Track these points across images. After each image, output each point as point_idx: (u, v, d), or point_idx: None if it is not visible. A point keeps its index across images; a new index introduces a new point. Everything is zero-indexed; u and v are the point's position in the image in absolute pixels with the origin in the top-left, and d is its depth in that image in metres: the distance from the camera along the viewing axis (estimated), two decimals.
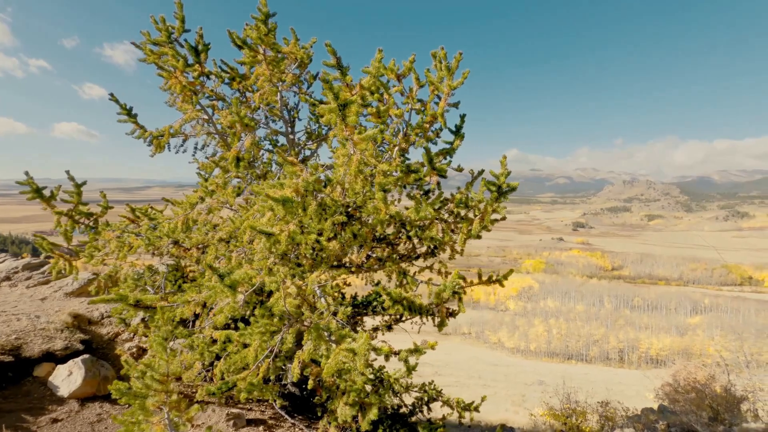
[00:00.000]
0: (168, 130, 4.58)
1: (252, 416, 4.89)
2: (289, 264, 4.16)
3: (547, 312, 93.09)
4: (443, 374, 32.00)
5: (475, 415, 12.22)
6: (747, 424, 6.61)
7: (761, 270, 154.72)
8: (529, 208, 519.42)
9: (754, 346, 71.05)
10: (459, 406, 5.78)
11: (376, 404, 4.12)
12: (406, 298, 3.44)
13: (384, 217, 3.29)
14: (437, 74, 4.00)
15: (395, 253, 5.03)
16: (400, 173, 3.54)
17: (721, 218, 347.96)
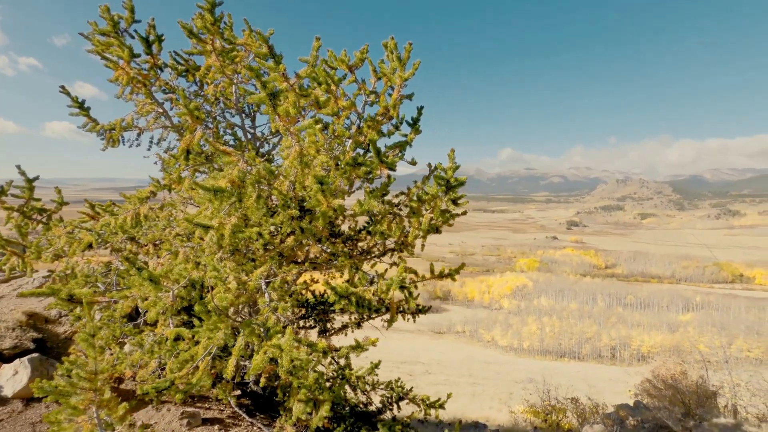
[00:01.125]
0: (119, 124, 4.46)
1: (209, 415, 4.79)
2: (243, 259, 4.07)
3: (541, 310, 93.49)
4: (434, 372, 32.01)
5: (455, 413, 12.19)
6: (717, 418, 6.62)
7: (752, 267, 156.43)
8: (524, 207, 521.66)
9: (744, 342, 71.68)
10: (424, 404, 5.71)
11: (329, 401, 4.05)
12: (353, 293, 3.36)
13: (327, 211, 3.21)
14: (390, 65, 3.93)
15: (355, 249, 4.96)
16: (346, 166, 3.46)
17: (713, 216, 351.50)
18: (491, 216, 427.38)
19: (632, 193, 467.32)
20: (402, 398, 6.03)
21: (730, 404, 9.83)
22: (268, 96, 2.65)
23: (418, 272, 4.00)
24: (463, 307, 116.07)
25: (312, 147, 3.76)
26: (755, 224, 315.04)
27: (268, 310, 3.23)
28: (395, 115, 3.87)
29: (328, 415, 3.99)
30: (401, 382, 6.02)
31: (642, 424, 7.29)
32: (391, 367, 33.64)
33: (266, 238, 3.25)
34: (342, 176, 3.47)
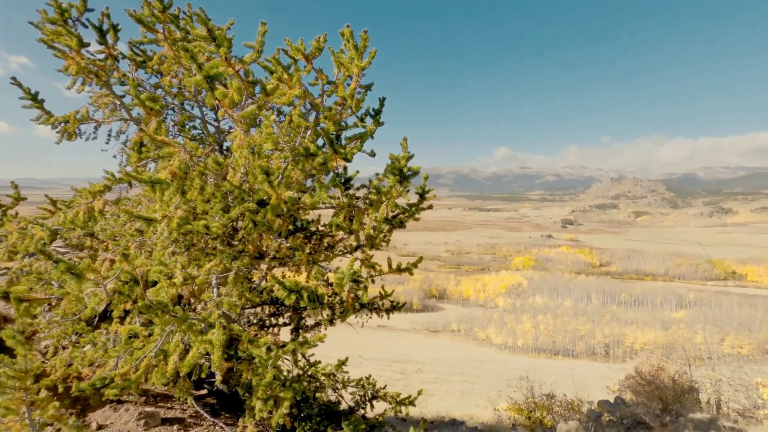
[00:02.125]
0: (74, 116, 4.33)
1: (170, 415, 4.68)
2: (200, 254, 3.96)
3: (536, 308, 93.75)
4: (426, 371, 31.98)
5: (439, 410, 12.13)
6: (693, 414, 6.59)
7: (744, 265, 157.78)
8: (519, 205, 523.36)
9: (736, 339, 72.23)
10: (395, 401, 5.62)
11: (289, 399, 3.95)
12: (304, 287, 3.26)
13: (277, 203, 3.10)
14: (348, 54, 3.82)
15: (321, 245, 4.86)
16: (299, 156, 3.36)
17: (706, 214, 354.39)
18: (487, 215, 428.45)
19: (626, 191, 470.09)
20: (375, 396, 5.94)
21: (713, 399, 9.84)
22: (205, 79, 2.54)
23: (376, 267, 3.91)
24: (458, 305, 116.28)
25: (268, 138, 3.66)
26: (747, 222, 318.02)
27: (212, 305, 3.13)
28: (352, 105, 3.77)
29: (287, 412, 3.90)
30: (372, 380, 5.93)
31: (621, 420, 7.25)
32: (383, 366, 33.57)
33: (214, 231, 3.14)
34: (295, 167, 3.36)
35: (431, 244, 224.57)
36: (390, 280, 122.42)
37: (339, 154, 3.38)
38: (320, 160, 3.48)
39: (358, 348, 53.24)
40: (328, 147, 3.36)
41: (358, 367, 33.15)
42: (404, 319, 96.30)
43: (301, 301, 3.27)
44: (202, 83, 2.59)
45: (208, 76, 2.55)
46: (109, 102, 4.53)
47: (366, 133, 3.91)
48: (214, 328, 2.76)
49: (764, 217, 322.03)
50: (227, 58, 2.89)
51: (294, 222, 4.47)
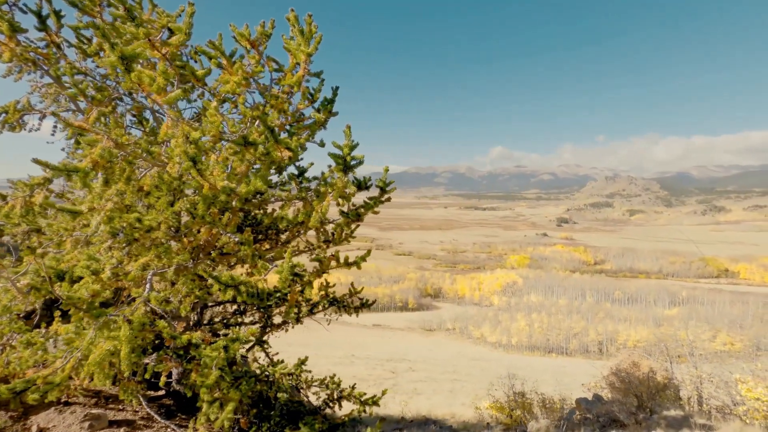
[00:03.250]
0: (14, 106, 4.14)
1: (120, 417, 4.51)
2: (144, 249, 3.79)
3: (530, 306, 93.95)
4: (417, 369, 31.89)
5: (420, 409, 12.00)
6: (667, 411, 6.50)
7: (737, 262, 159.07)
8: (515, 204, 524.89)
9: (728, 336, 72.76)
10: (358, 400, 5.48)
11: (235, 400, 3.80)
12: (242, 282, 3.11)
13: (208, 193, 2.95)
14: (296, 41, 3.67)
15: (278, 240, 4.70)
16: (237, 146, 3.20)
17: (699, 212, 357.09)
18: (482, 213, 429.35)
19: (621, 190, 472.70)
20: (342, 397, 5.79)
21: (695, 397, 9.78)
22: (120, 60, 2.38)
23: (324, 261, 3.76)
24: (453, 304, 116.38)
25: (211, 127, 3.49)
26: (740, 220, 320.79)
27: (140, 301, 2.97)
28: (302, 94, 3.61)
29: (231, 415, 3.74)
30: (337, 379, 5.78)
31: (597, 417, 7.16)
32: (374, 365, 33.44)
33: (146, 224, 2.98)
34: (233, 156, 3.21)
35: (427, 243, 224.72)
36: (386, 279, 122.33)
37: (281, 144, 3.23)
38: (262, 150, 3.33)
39: (351, 347, 53.13)
40: (269, 136, 3.20)
41: (349, 366, 32.98)
42: (399, 318, 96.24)
43: (239, 296, 3.11)
44: (117, 64, 2.43)
45: (123, 56, 2.39)
46: (55, 92, 4.34)
47: (315, 124, 3.76)
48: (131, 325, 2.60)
49: (756, 216, 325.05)
50: (151, 40, 2.73)
51: (247, 216, 4.31)
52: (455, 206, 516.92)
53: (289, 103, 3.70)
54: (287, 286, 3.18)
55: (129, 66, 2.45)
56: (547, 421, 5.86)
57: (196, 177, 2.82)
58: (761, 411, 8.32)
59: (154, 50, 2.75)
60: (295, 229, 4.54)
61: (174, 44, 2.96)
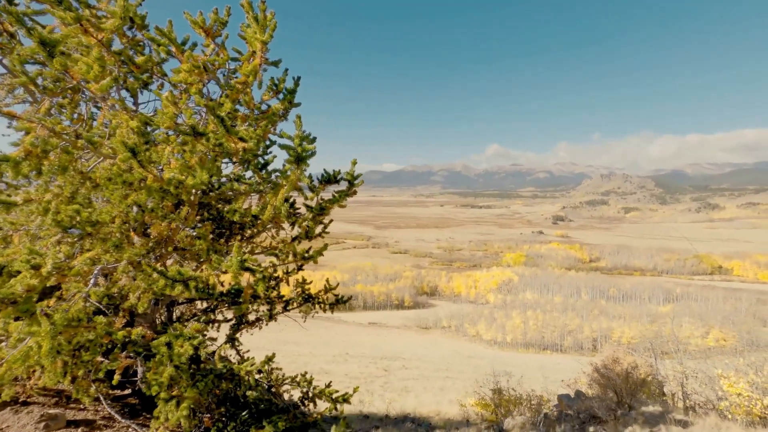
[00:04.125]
0: None
1: (80, 417, 4.40)
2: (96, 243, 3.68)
3: (526, 304, 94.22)
4: (410, 367, 31.85)
5: (407, 407, 11.95)
6: (646, 407, 6.46)
7: (730, 259, 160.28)
8: (511, 202, 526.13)
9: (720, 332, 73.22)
10: (328, 398, 5.38)
11: (190, 398, 3.70)
12: (191, 277, 3.01)
13: (153, 185, 2.84)
14: (252, 28, 3.56)
15: (241, 235, 4.59)
16: (186, 136, 3.10)
17: (693, 210, 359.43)
18: (479, 211, 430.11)
19: (616, 187, 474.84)
20: (318, 397, 5.68)
21: (679, 392, 9.77)
22: (41, 45, 2.27)
23: (280, 256, 3.66)
24: (449, 302, 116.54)
25: (166, 118, 3.38)
26: (734, 217, 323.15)
27: (78, 296, 2.86)
28: (258, 83, 3.50)
29: (186, 414, 3.64)
30: (309, 377, 5.68)
31: (577, 414, 7.11)
32: (367, 363, 33.36)
33: (84, 217, 2.87)
34: (183, 147, 3.10)
35: (423, 241, 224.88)
36: (382, 278, 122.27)
37: (232, 135, 3.12)
38: (214, 140, 3.22)
39: (346, 345, 53.02)
40: (219, 127, 3.10)
41: (342, 364, 32.89)
42: (395, 316, 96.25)
43: (186, 292, 3.01)
44: (39, 50, 2.32)
45: (43, 41, 2.27)
46: (10, 83, 4.21)
47: (273, 114, 3.65)
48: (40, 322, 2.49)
49: (750, 213, 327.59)
50: (82, 25, 2.61)
51: (208, 210, 4.20)
52: (451, 204, 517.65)
53: (245, 94, 3.59)
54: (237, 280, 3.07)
55: (52, 52, 2.33)
56: (523, 417, 5.80)
57: (137, 168, 2.71)
58: (742, 406, 8.32)
59: (86, 35, 2.63)
60: (260, 224, 4.44)
61: (108, 29, 2.84)
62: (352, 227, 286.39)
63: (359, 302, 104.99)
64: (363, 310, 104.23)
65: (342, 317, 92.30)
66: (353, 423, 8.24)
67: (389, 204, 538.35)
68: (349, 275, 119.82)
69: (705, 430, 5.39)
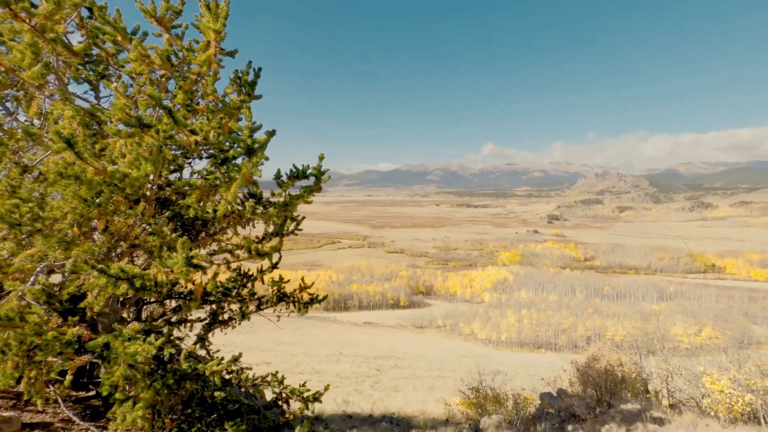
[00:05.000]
0: None
1: (37, 419, 4.27)
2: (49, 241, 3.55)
3: (521, 303, 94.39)
4: (403, 367, 31.77)
5: (392, 406, 11.86)
6: (624, 405, 6.41)
7: (723, 258, 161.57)
8: (506, 201, 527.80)
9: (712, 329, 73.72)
10: (299, 397, 5.28)
11: (146, 399, 3.59)
12: (135, 274, 2.89)
13: (94, 178, 2.72)
14: (205, 17, 3.45)
15: (206, 232, 4.48)
16: (133, 129, 2.98)
17: (687, 209, 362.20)
18: (474, 211, 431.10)
19: (610, 186, 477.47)
20: (285, 394, 5.58)
21: (664, 390, 9.76)
22: None
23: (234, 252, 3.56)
24: (445, 301, 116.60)
25: (117, 110, 3.26)
26: (727, 216, 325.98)
27: (14, 293, 2.74)
28: (212, 73, 3.39)
29: (142, 414, 3.53)
30: (281, 376, 5.57)
31: (558, 412, 7.05)
32: (360, 362, 33.25)
33: (24, 210, 2.75)
34: (128, 139, 2.98)
35: (419, 241, 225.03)
36: (378, 277, 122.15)
37: (181, 126, 3.01)
38: (165, 132, 3.10)
39: (341, 345, 52.86)
40: (168, 118, 2.99)
41: (335, 364, 32.75)
42: (391, 316, 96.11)
43: (130, 290, 2.89)
44: None
45: None
46: None
47: (229, 106, 3.54)
48: None
49: (742, 212, 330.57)
50: (12, 9, 2.49)
51: (169, 207, 4.08)
52: (447, 204, 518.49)
53: (205, 85, 3.48)
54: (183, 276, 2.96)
55: None
56: (499, 416, 5.72)
57: (75, 160, 2.60)
58: (724, 403, 8.30)
59: (16, 19, 2.51)
60: (224, 220, 4.32)
61: (41, 14, 2.71)
62: (347, 227, 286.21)
63: (355, 302, 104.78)
64: (358, 310, 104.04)
65: (337, 317, 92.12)
66: (334, 423, 8.14)
67: (385, 203, 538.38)
68: (344, 275, 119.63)
69: (681, 428, 5.34)
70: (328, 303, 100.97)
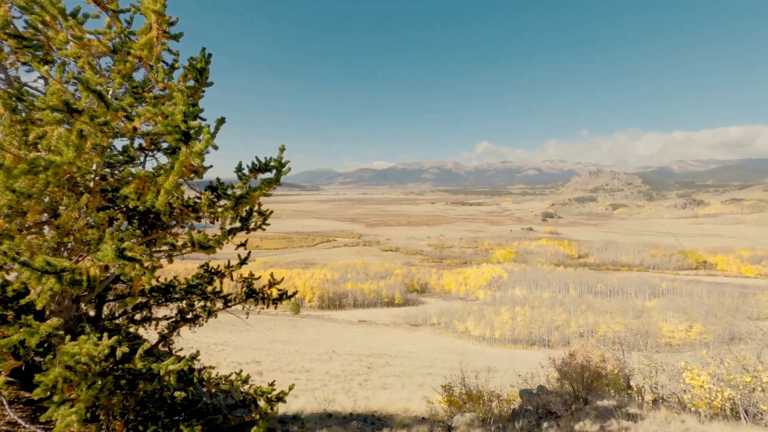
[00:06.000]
0: None
1: None
2: None
3: (515, 300, 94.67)
4: (394, 365, 31.71)
5: (372, 405, 11.73)
6: (600, 401, 6.32)
7: (714, 254, 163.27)
8: (501, 199, 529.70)
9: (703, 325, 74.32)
10: (261, 397, 5.12)
11: (85, 400, 3.41)
12: (66, 269, 2.72)
13: (12, 165, 2.54)
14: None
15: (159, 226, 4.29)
16: (61, 114, 2.80)
17: (679, 206, 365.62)
18: (469, 209, 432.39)
19: (604, 184, 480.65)
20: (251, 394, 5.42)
21: (648, 385, 9.71)
22: None
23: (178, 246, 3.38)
24: (440, 299, 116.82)
25: (53, 97, 3.07)
26: (718, 213, 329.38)
27: None
28: (153, 58, 3.21)
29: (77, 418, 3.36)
30: (244, 375, 5.41)
31: (536, 409, 6.95)
32: (352, 360, 33.13)
33: None
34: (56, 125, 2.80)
35: (414, 239, 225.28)
36: (373, 275, 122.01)
37: (113, 110, 2.83)
38: (100, 119, 2.92)
39: (334, 343, 52.73)
40: (99, 102, 2.81)
41: (327, 362, 32.60)
42: (386, 314, 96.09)
43: (56, 285, 2.72)
44: None
45: None
46: None
47: (170, 92, 3.37)
48: None
49: (734, 209, 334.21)
50: None
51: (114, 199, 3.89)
52: (442, 202, 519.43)
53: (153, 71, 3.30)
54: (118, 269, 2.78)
55: None
56: (472, 414, 5.61)
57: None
58: (704, 398, 8.25)
59: None
60: (181, 213, 4.14)
61: None
62: (342, 225, 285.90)
63: (350, 300, 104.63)
64: (353, 308, 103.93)
65: (332, 315, 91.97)
66: (310, 422, 7.99)
67: (380, 202, 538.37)
68: (339, 273, 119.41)
69: (654, 424, 5.25)
70: (323, 301, 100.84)
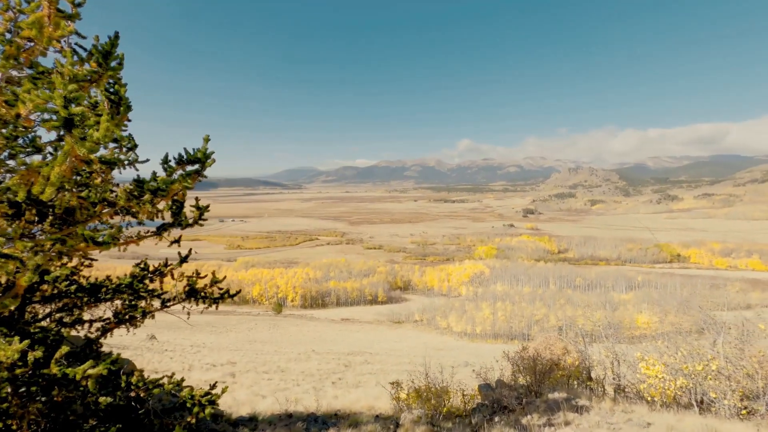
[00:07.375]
0: None
1: None
2: None
3: (496, 295, 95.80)
4: (372, 362, 31.62)
5: (336, 404, 11.57)
6: (551, 394, 6.33)
7: (687, 248, 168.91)
8: (483, 196, 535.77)
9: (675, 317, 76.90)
10: (191, 400, 4.90)
11: None
12: None
13: None
14: None
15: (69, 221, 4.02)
16: None
17: (654, 201, 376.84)
18: (452, 206, 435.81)
19: (583, 180, 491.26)
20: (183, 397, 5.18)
21: (609, 376, 9.83)
22: None
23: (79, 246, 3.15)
24: (422, 296, 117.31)
25: None
26: (691, 208, 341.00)
27: None
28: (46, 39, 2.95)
29: None
30: (178, 378, 5.17)
31: (491, 404, 6.92)
32: (330, 359, 32.87)
33: None
34: None
35: (397, 236, 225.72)
36: (356, 273, 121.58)
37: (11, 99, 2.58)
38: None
39: (315, 342, 52.34)
40: None
41: (305, 362, 32.26)
42: (369, 312, 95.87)
43: None
44: None
45: None
46: None
47: (77, 77, 3.11)
48: None
49: (705, 203, 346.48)
50: None
51: None
52: (425, 199, 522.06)
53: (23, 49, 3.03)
54: None
55: None
56: (420, 411, 5.52)
57: None
58: (659, 388, 8.40)
59: None
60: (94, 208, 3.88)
61: None
62: (325, 223, 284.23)
63: (332, 299, 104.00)
64: (336, 307, 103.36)
65: (314, 314, 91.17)
66: (263, 422, 7.78)
67: (363, 200, 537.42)
68: (322, 272, 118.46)
69: (598, 416, 5.26)
70: (305, 301, 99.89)
